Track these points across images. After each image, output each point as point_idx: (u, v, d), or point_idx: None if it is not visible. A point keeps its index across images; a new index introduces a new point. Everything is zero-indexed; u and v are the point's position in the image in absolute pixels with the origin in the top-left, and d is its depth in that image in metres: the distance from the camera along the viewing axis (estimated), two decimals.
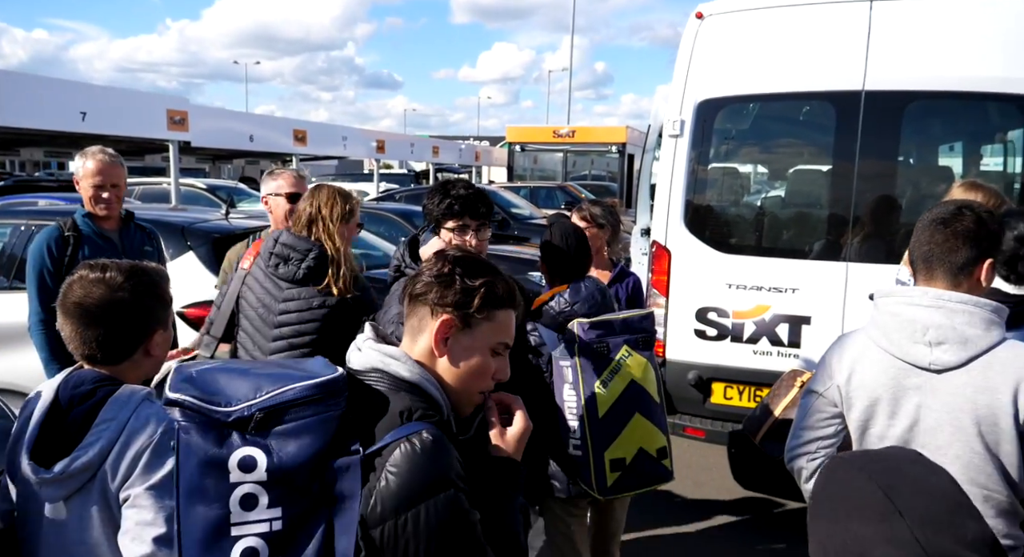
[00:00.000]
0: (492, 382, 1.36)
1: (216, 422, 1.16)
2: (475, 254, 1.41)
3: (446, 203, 2.27)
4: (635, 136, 19.39)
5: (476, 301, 1.30)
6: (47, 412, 1.47)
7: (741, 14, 3.70)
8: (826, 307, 3.53)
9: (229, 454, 1.15)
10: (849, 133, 3.49)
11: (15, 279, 4.40)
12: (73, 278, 1.51)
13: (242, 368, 1.27)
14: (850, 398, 1.79)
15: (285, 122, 13.67)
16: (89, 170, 2.97)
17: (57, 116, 8.35)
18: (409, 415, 1.23)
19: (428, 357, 1.33)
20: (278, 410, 1.17)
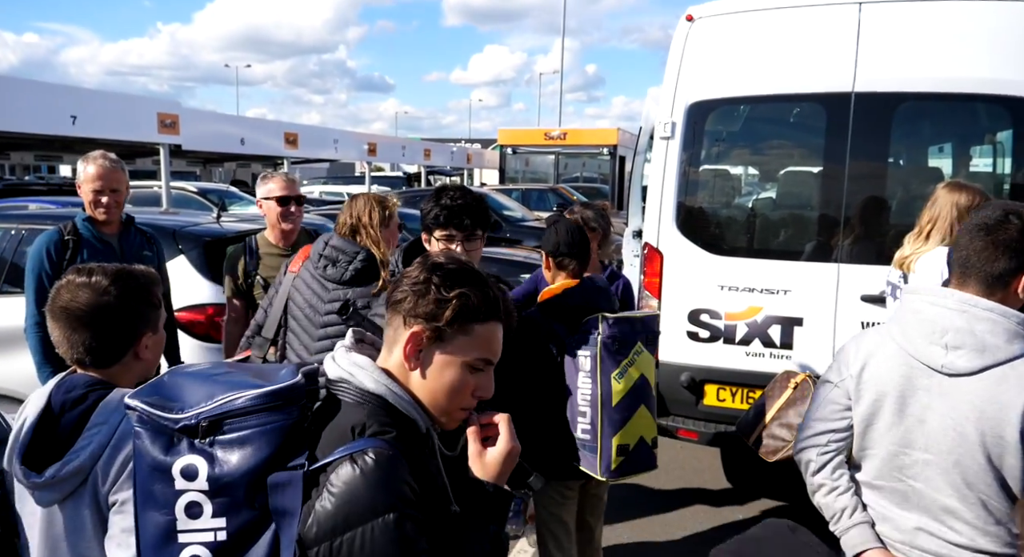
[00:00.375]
0: (473, 399, 1.27)
1: (166, 429, 1.16)
2: (463, 261, 1.30)
3: (433, 212, 2.26)
4: (626, 138, 19.42)
5: (448, 313, 1.20)
6: (40, 417, 1.47)
7: (731, 16, 3.72)
8: (818, 308, 3.55)
9: (173, 461, 1.15)
10: (839, 135, 3.51)
11: (6, 283, 4.38)
12: (61, 283, 1.53)
13: (212, 374, 1.24)
14: (859, 390, 1.77)
15: (276, 125, 13.63)
16: (90, 175, 2.96)
17: (47, 120, 8.30)
18: (362, 431, 1.16)
19: (401, 369, 1.26)
20: (222, 418, 1.14)
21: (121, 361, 1.55)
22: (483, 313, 1.23)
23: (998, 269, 1.62)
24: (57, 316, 1.50)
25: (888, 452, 1.74)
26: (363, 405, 1.21)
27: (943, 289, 1.70)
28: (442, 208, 2.25)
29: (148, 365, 1.61)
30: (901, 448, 1.72)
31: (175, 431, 1.15)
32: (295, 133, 13.18)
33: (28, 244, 4.54)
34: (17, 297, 4.36)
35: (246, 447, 1.13)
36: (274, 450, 1.14)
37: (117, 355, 1.54)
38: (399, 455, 1.14)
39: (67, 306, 1.49)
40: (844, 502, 1.82)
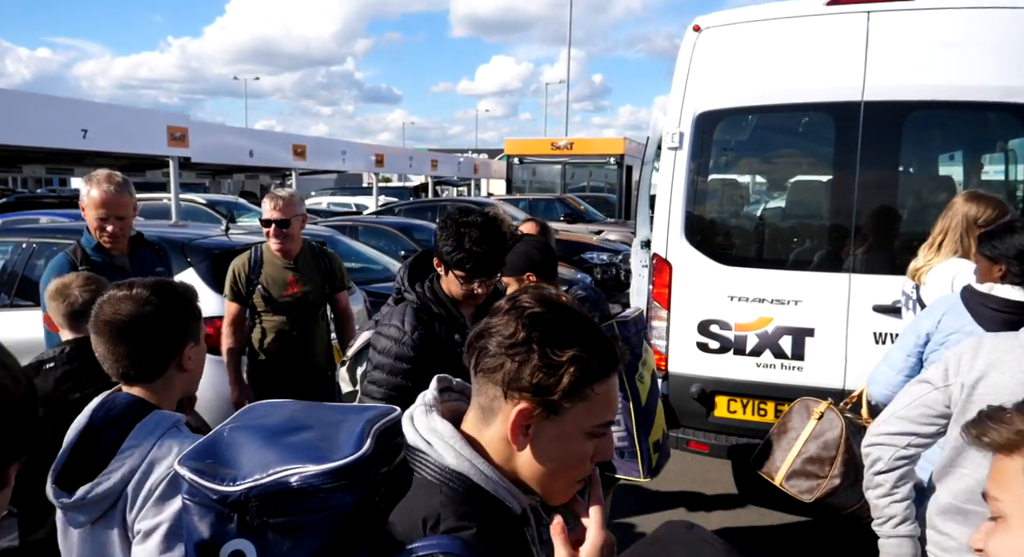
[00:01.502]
0: (591, 467, 1.03)
1: (214, 503, 0.98)
2: (559, 303, 1.02)
3: (458, 257, 2.11)
4: (633, 147, 19.44)
5: (564, 383, 0.95)
6: (79, 435, 1.46)
7: (738, 26, 3.72)
8: (829, 318, 3.52)
9: (222, 544, 0.98)
10: (849, 144, 3.49)
11: (16, 297, 4.40)
12: (103, 298, 1.53)
13: (280, 430, 1.05)
14: (971, 402, 1.62)
15: (285, 137, 13.70)
16: (94, 200, 2.84)
17: (59, 134, 8.37)
18: (435, 524, 0.95)
19: (500, 445, 1.01)
20: (275, 497, 0.96)
21: (165, 374, 1.54)
22: (602, 371, 0.98)
23: None
24: (101, 331, 1.49)
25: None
26: (440, 486, 0.98)
27: None
28: (468, 256, 2.10)
29: (192, 377, 1.61)
30: None
31: (223, 507, 0.97)
32: (303, 145, 13.25)
33: (39, 258, 4.58)
34: (28, 310, 4.40)
35: (300, 534, 0.96)
36: (333, 539, 0.96)
37: (161, 367, 1.53)
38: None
39: (111, 320, 1.48)
40: (897, 510, 1.76)
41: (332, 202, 20.98)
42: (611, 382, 1.01)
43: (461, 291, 2.17)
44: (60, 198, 18.58)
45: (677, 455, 4.14)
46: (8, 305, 4.41)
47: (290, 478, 0.95)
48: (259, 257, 3.46)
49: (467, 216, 2.15)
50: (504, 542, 0.99)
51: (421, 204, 14.64)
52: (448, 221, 2.16)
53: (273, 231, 3.40)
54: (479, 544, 0.95)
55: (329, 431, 1.04)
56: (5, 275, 4.53)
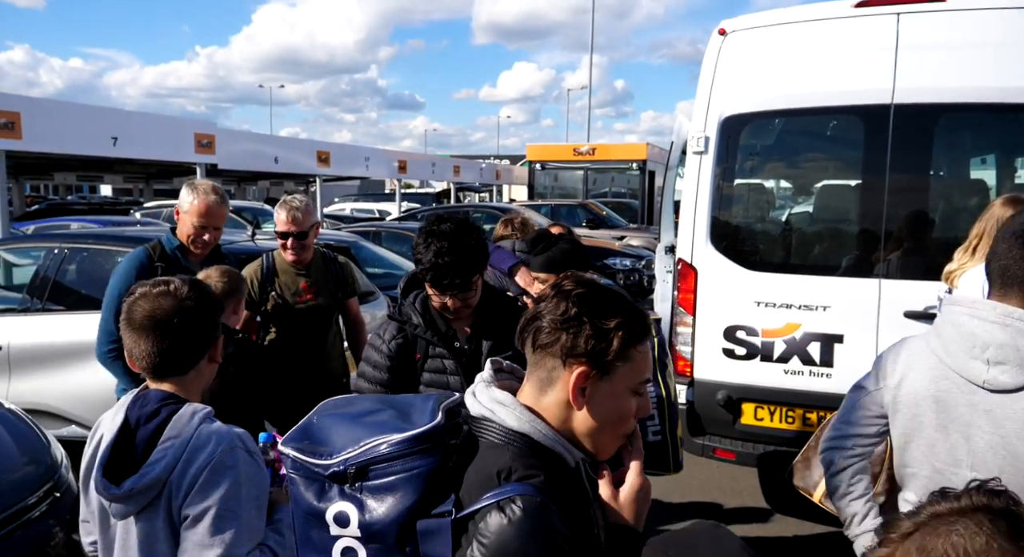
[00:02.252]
0: (633, 422, 1.22)
1: (317, 475, 1.18)
2: (592, 282, 1.22)
3: (422, 268, 2.06)
4: (656, 153, 19.36)
5: (615, 346, 1.14)
6: (119, 432, 1.52)
7: (764, 30, 3.68)
8: (859, 325, 3.45)
9: (326, 508, 1.17)
10: (879, 147, 3.43)
11: (48, 301, 4.48)
12: (135, 296, 1.57)
13: (358, 414, 1.24)
14: (897, 403, 1.72)
15: (309, 143, 13.86)
16: (197, 209, 2.93)
17: (89, 141, 8.55)
18: (507, 475, 1.11)
19: (562, 409, 1.18)
20: (368, 465, 1.15)
21: (197, 366, 1.60)
22: (639, 336, 1.18)
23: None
24: (142, 326, 1.53)
25: (932, 470, 1.68)
26: (507, 445, 1.16)
27: (985, 301, 1.62)
28: (429, 267, 2.03)
29: (215, 368, 1.67)
30: (947, 466, 1.65)
31: (326, 478, 1.17)
32: (327, 152, 13.39)
33: (70, 263, 4.65)
34: (59, 315, 4.48)
35: (393, 494, 1.14)
36: (420, 496, 1.13)
37: (195, 359, 1.59)
38: (548, 501, 1.09)
39: (152, 314, 1.52)
40: (856, 507, 1.82)
41: (355, 208, 21.13)
42: (647, 344, 1.20)
43: (436, 302, 2.12)
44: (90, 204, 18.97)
45: (703, 463, 4.08)
46: (40, 309, 4.49)
47: (379, 447, 1.14)
48: (271, 264, 3.44)
49: (438, 224, 2.08)
50: (565, 488, 1.15)
51: (443, 210, 14.69)
52: (422, 229, 2.13)
53: (291, 243, 3.36)
54: (548, 488, 1.10)
55: (403, 411, 1.22)
56: (38, 280, 4.61)
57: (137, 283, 1.64)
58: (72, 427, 4.18)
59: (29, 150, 7.92)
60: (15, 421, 2.88)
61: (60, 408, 4.22)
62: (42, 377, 4.26)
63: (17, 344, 4.39)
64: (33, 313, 4.50)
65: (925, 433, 1.67)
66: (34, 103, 7.96)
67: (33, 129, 7.46)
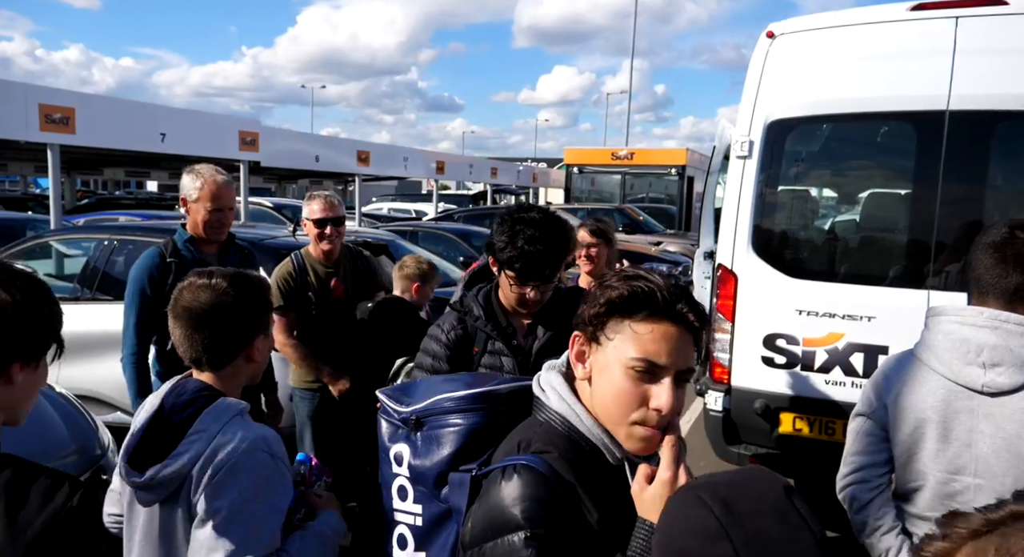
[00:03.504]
0: (651, 413, 1.11)
1: (393, 419, 1.36)
2: (639, 268, 1.21)
3: (508, 255, 1.98)
4: (695, 159, 19.15)
5: (597, 309, 1.14)
6: (151, 418, 1.52)
7: (814, 33, 3.61)
8: (906, 337, 3.32)
9: (391, 447, 1.34)
10: (931, 155, 3.34)
11: (98, 291, 4.61)
12: (183, 284, 1.58)
13: (450, 379, 1.43)
14: (896, 419, 1.71)
15: (350, 143, 14.02)
16: (207, 193, 2.84)
17: (140, 137, 8.78)
18: (526, 446, 1.15)
19: (583, 387, 1.21)
20: (427, 415, 1.29)
21: (234, 362, 1.58)
22: (635, 307, 1.11)
23: (1012, 284, 1.60)
24: (180, 316, 1.55)
25: (936, 480, 1.68)
26: (544, 423, 1.20)
27: (971, 307, 1.65)
28: (522, 256, 1.95)
29: (258, 368, 1.64)
30: (950, 475, 1.65)
31: (398, 422, 1.34)
32: (367, 151, 13.53)
33: (119, 254, 4.79)
34: (108, 304, 4.60)
35: (439, 443, 1.26)
36: (456, 449, 1.23)
37: (231, 355, 1.57)
38: (552, 476, 1.09)
39: (189, 306, 1.53)
40: (889, 541, 1.77)
41: (392, 208, 21.34)
42: (652, 325, 1.11)
43: (512, 295, 2.04)
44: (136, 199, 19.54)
45: None
46: (91, 298, 4.62)
47: (443, 401, 1.28)
48: (301, 263, 3.42)
49: (526, 212, 2.02)
50: (590, 476, 1.13)
51: (480, 211, 14.76)
52: (505, 216, 2.05)
53: (329, 231, 3.33)
54: (560, 467, 1.11)
55: (481, 380, 1.35)
56: (88, 270, 4.76)
57: (192, 271, 1.64)
58: (118, 413, 4.29)
59: (83, 145, 8.16)
60: (66, 405, 2.98)
61: (107, 394, 4.34)
62: (90, 364, 4.39)
63: (67, 332, 4.52)
64: (83, 302, 4.64)
65: (927, 445, 1.67)
66: (87, 99, 8.20)
67: (86, 124, 7.68)
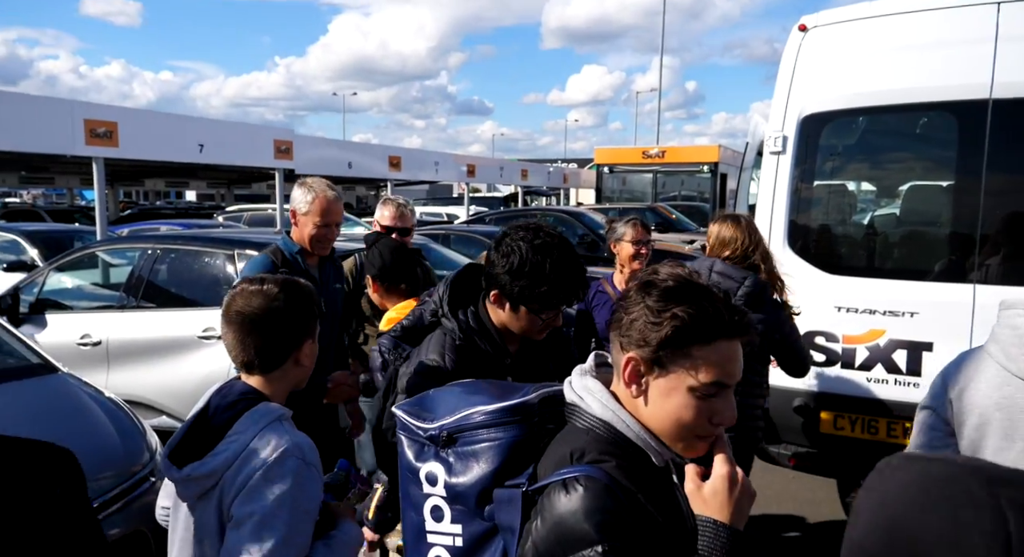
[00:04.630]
0: (712, 426, 1.11)
1: (418, 436, 1.30)
2: (683, 275, 1.13)
3: (543, 290, 1.67)
4: (728, 155, 18.91)
5: (660, 335, 1.07)
6: (196, 417, 1.57)
7: (848, 24, 3.55)
8: (950, 332, 3.28)
9: (420, 467, 1.28)
10: (974, 146, 3.25)
11: (143, 299, 4.75)
12: (235, 290, 1.63)
13: (465, 390, 1.35)
14: (961, 414, 1.67)
15: (381, 149, 14.19)
16: (317, 208, 2.82)
17: (179, 149, 9.02)
18: (580, 457, 1.10)
19: (628, 395, 1.16)
20: (459, 431, 1.24)
21: (283, 366, 1.61)
22: (703, 333, 1.08)
23: None
24: (232, 320, 1.58)
25: None
26: (590, 430, 1.15)
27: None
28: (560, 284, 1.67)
29: (304, 373, 1.67)
30: None
31: (424, 440, 1.29)
32: (398, 156, 13.68)
33: (162, 263, 4.92)
34: (153, 312, 4.74)
35: (477, 460, 1.21)
36: (499, 465, 1.19)
37: (280, 359, 1.60)
38: (614, 486, 1.06)
39: (242, 310, 1.57)
40: None
41: (424, 212, 21.52)
42: (719, 347, 1.08)
43: (523, 325, 1.75)
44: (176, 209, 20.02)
45: (778, 473, 3.96)
46: (136, 306, 4.76)
47: (473, 415, 1.23)
48: (361, 264, 3.45)
49: (538, 235, 1.70)
50: (644, 482, 1.10)
51: (511, 213, 14.79)
52: (514, 244, 1.69)
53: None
54: (620, 476, 1.08)
55: (506, 390, 1.30)
56: (133, 279, 4.90)
57: (245, 278, 1.69)
58: (163, 417, 4.41)
59: (125, 157, 8.41)
60: (115, 410, 3.07)
61: (153, 399, 4.46)
62: (137, 370, 4.52)
63: (115, 339, 4.67)
64: (129, 310, 4.77)
65: (990, 443, 1.62)
66: (129, 113, 8.46)
67: (129, 138, 7.93)
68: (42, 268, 5.66)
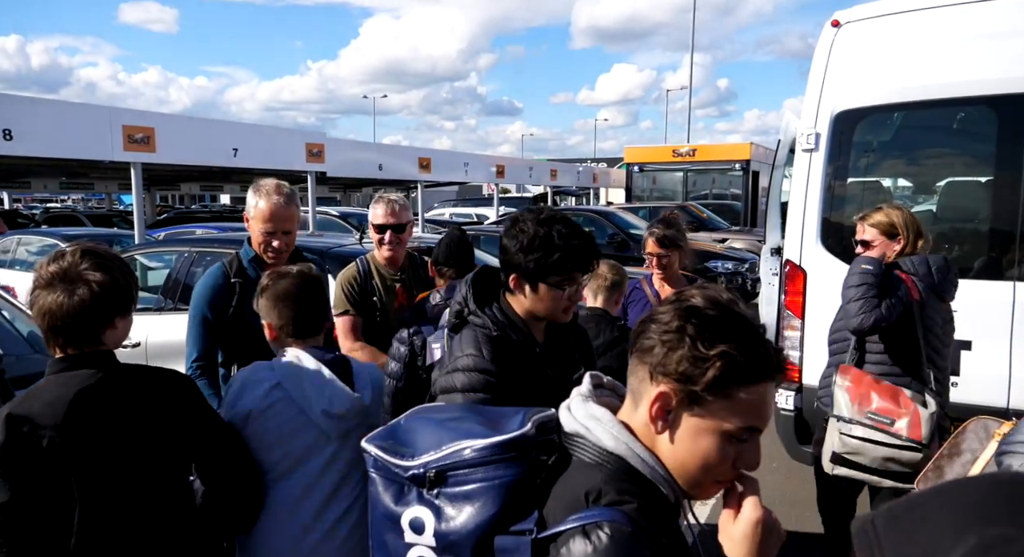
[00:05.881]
0: (733, 471, 1.04)
1: (397, 476, 1.13)
2: (726, 304, 1.04)
3: (554, 258, 1.72)
4: (760, 153, 18.65)
5: (708, 376, 0.98)
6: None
7: (882, 19, 3.49)
8: (990, 330, 3.21)
9: (402, 512, 1.11)
10: (1015, 140, 3.18)
11: (180, 301, 4.85)
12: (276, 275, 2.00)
13: (445, 419, 1.19)
14: None
15: (411, 151, 14.29)
16: (262, 212, 2.63)
17: (213, 153, 9.21)
18: (596, 498, 1.00)
19: (645, 429, 1.06)
20: (448, 469, 1.08)
21: (317, 336, 2.03)
22: (752, 374, 0.99)
23: None
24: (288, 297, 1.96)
25: None
26: (599, 466, 1.04)
27: None
28: (566, 251, 1.72)
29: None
30: None
31: (405, 479, 1.12)
32: (428, 158, 13.77)
33: (198, 266, 5.02)
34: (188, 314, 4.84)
35: (472, 503, 1.06)
36: (500, 508, 1.04)
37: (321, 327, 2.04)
38: (639, 531, 0.97)
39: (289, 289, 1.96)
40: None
41: (454, 213, 21.61)
42: (761, 389, 1.00)
43: (547, 305, 1.78)
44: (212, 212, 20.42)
45: (776, 474, 3.90)
46: (173, 309, 4.87)
47: (463, 451, 1.08)
48: (366, 268, 3.32)
49: (541, 212, 1.79)
50: (661, 521, 1.02)
51: None
52: (522, 225, 1.77)
53: (388, 237, 3.22)
54: (640, 518, 0.99)
55: (493, 419, 1.15)
56: (170, 281, 5.02)
57: (275, 270, 2.02)
58: None
59: (162, 162, 8.61)
60: None
61: None
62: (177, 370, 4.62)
63: (153, 341, 4.78)
64: (167, 312, 4.89)
65: None
66: (166, 119, 8.66)
67: (165, 143, 8.12)
68: None
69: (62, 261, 1.58)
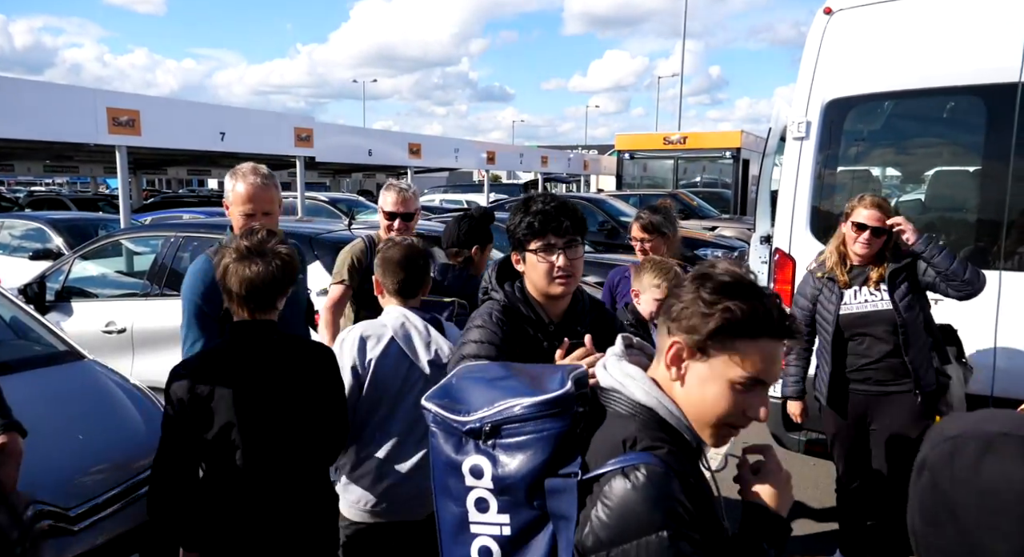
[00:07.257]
0: (744, 419, 1.20)
1: (455, 430, 1.29)
2: (739, 273, 1.20)
3: (526, 221, 1.94)
4: (750, 141, 18.67)
5: (709, 327, 1.15)
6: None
7: (873, 7, 3.48)
8: (976, 319, 3.23)
9: (463, 460, 1.27)
10: (1003, 130, 3.18)
11: (166, 286, 4.81)
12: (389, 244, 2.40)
13: (494, 378, 1.34)
14: None
15: (401, 136, 14.20)
16: (240, 195, 2.58)
17: (200, 137, 9.10)
18: (633, 444, 1.16)
19: (666, 379, 1.24)
20: (502, 423, 1.24)
21: (415, 298, 2.39)
22: (751, 329, 1.15)
23: None
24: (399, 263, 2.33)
25: None
26: (633, 417, 1.21)
27: None
28: (535, 214, 1.94)
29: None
30: None
31: (463, 433, 1.28)
32: (418, 144, 13.68)
33: (184, 251, 4.97)
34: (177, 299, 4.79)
35: (524, 452, 1.22)
36: (549, 456, 1.20)
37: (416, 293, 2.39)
38: (671, 472, 1.12)
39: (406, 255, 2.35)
40: None
41: (444, 199, 21.52)
42: (761, 344, 1.16)
43: (539, 276, 1.94)
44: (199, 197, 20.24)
45: (806, 461, 3.94)
46: (159, 294, 4.83)
47: (514, 408, 1.23)
48: (372, 246, 3.38)
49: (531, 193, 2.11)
50: (687, 464, 1.17)
51: None
52: (515, 205, 2.04)
53: (397, 224, 3.28)
54: (670, 460, 1.14)
55: (534, 378, 1.30)
56: (157, 267, 4.97)
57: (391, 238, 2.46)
58: None
59: (147, 146, 8.50)
60: (141, 398, 3.11)
61: None
62: (163, 356, 4.57)
63: (139, 327, 4.74)
64: (153, 298, 4.84)
65: None
66: (151, 102, 8.53)
67: (151, 126, 8.01)
68: (67, 256, 5.75)
69: (253, 238, 1.92)
